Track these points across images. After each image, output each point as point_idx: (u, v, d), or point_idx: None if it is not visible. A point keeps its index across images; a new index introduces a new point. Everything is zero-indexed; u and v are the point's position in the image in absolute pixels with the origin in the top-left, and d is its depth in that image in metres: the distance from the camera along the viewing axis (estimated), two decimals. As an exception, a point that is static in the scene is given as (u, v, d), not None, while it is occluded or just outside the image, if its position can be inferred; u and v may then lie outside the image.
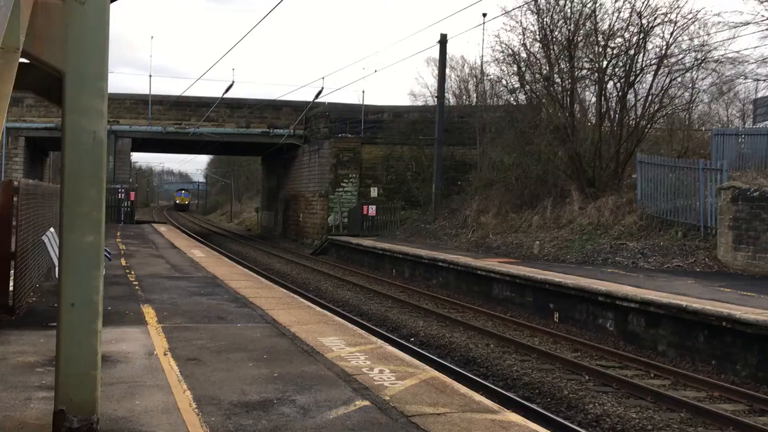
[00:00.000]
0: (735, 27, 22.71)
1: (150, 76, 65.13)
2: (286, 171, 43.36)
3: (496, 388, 9.50)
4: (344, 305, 17.13)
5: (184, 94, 37.17)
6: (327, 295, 18.80)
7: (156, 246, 23.61)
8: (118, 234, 28.11)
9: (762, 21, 22.56)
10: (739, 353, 10.64)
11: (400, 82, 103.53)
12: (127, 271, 15.53)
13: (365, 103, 37.22)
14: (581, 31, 24.01)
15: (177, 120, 38.67)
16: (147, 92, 38.45)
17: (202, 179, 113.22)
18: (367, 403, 5.95)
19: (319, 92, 32.89)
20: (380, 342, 8.93)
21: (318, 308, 11.80)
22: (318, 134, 36.97)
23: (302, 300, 12.85)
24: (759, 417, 8.65)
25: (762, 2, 22.51)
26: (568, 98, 24.31)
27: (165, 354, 7.58)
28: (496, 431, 5.38)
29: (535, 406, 8.73)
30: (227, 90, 33.85)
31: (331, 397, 6.11)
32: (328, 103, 37.50)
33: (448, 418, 5.62)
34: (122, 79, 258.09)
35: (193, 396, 6.02)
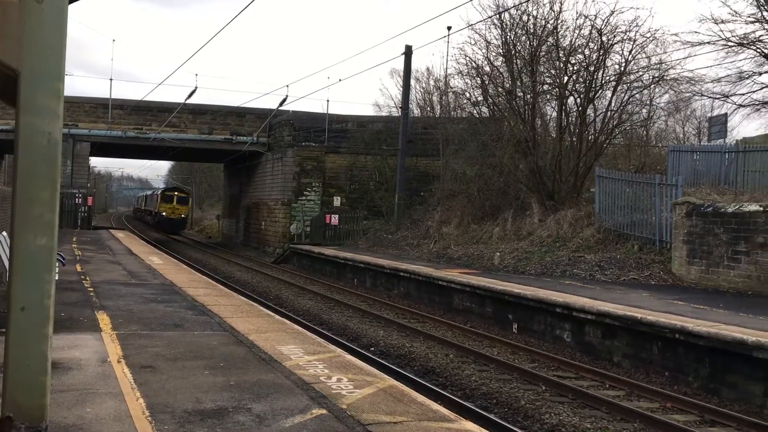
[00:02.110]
0: (692, 46, 23.37)
1: (110, 79, 63.64)
2: (249, 178, 43.04)
3: (453, 397, 9.54)
4: (304, 314, 17.03)
5: (145, 99, 36.61)
6: (287, 304, 18.67)
7: (113, 252, 23.19)
8: (74, 239, 27.54)
9: (717, 41, 23.26)
10: (691, 365, 10.88)
11: (364, 93, 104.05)
12: (83, 277, 15.21)
13: (330, 112, 37.22)
14: (543, 47, 24.44)
15: (137, 125, 38.09)
16: (107, 96, 37.83)
17: (162, 185, 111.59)
18: (324, 411, 5.93)
19: (284, 100, 32.71)
20: (339, 351, 8.91)
21: (277, 317, 11.72)
22: (281, 142, 36.81)
23: (262, 308, 12.75)
24: (710, 428, 8.85)
25: (717, 23, 23.21)
26: (529, 112, 24.67)
27: (119, 361, 7.45)
28: (452, 440, 5.40)
29: (492, 416, 8.79)
30: (190, 95, 33.48)
31: (288, 405, 6.07)
32: (293, 112, 37.38)
33: (404, 427, 5.63)
34: (82, 83, 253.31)
35: (147, 404, 5.92)
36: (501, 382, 10.80)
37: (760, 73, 23.89)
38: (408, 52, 30.83)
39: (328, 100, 57.42)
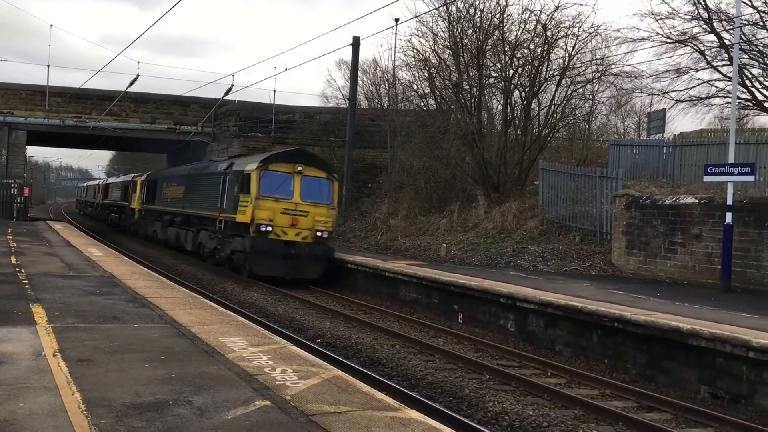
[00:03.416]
0: (633, 42, 23.93)
1: (48, 66, 61.39)
2: (194, 169, 41.91)
3: (399, 387, 9.57)
4: (250, 306, 16.83)
5: (84, 87, 35.50)
6: (232, 296, 18.41)
7: (50, 244, 22.45)
8: (10, 231, 26.57)
9: (656, 37, 23.89)
10: (629, 353, 11.18)
11: (312, 84, 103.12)
12: (18, 269, 14.68)
13: (277, 102, 36.80)
14: (489, 41, 24.67)
15: (77, 113, 36.90)
16: (45, 83, 36.50)
17: (103, 176, 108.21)
18: (267, 403, 5.85)
19: (229, 89, 32.20)
20: (284, 342, 8.82)
21: (221, 308, 11.55)
22: (227, 132, 36.28)
23: (205, 300, 12.53)
24: (646, 413, 9.11)
25: (657, 20, 23.83)
26: (476, 105, 24.90)
27: (54, 355, 7.20)
28: (395, 428, 5.40)
29: (437, 405, 8.85)
30: (131, 83, 32.52)
31: (231, 397, 5.97)
32: (239, 102, 36.84)
33: (348, 417, 5.61)
34: (19, 70, 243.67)
35: (83, 398, 5.74)
36: (446, 371, 10.89)
37: (697, 69, 24.67)
38: (356, 43, 30.69)
39: (274, 90, 56.71)
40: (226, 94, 32.46)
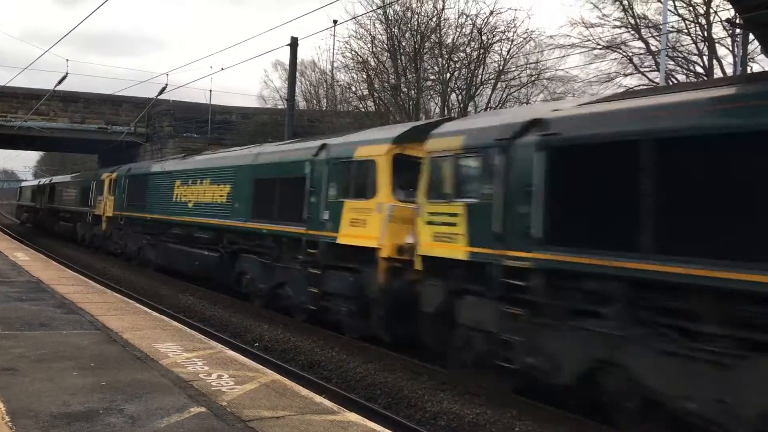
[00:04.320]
0: (565, 48, 24.59)
1: (-29, 62, 59.06)
2: (126, 170, 40.75)
3: (337, 389, 9.53)
4: (185, 311, 16.46)
5: (9, 85, 34.11)
6: (167, 301, 17.97)
7: (-28, 248, 21.48)
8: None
9: (587, 43, 24.60)
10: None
11: (249, 84, 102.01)
12: (-64, 275, 13.99)
13: (213, 103, 36.25)
14: (427, 44, 24.94)
15: (2, 112, 35.50)
16: (-34, 80, 34.95)
17: (30, 177, 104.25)
18: (202, 409, 5.73)
19: (163, 89, 31.50)
20: (220, 347, 8.68)
21: (155, 313, 11.28)
22: (161, 133, 35.52)
23: (138, 305, 12.22)
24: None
25: (588, 27, 24.55)
26: (414, 107, 25.11)
27: (-25, 365, 6.87)
28: (334, 431, 5.38)
29: (376, 406, 8.85)
30: (60, 81, 31.45)
31: (164, 404, 5.82)
32: (173, 101, 36.14)
33: (286, 421, 5.54)
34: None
35: (7, 408, 5.49)
36: (386, 372, 10.88)
37: (626, 75, 25.53)
38: (294, 43, 30.42)
39: (210, 90, 56.01)
40: (160, 93, 31.76)
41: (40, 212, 44.48)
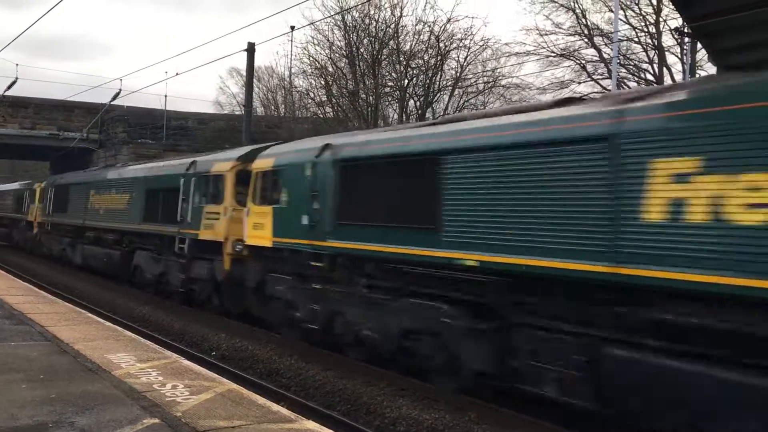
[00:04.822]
0: (520, 55, 24.95)
1: None
2: (79, 177, 39.91)
3: (296, 397, 9.45)
4: (140, 320, 16.14)
5: (-45, 89, 33.10)
6: (121, 311, 17.59)
7: None
8: None
9: (541, 51, 25.01)
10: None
11: (205, 90, 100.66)
12: None
13: (168, 108, 35.75)
14: (385, 50, 25.04)
15: (-53, 117, 34.39)
16: None
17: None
18: (156, 420, 5.61)
19: (117, 94, 30.88)
20: (176, 356, 8.53)
21: (108, 323, 11.04)
22: (115, 139, 34.86)
23: (90, 315, 11.94)
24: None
25: (542, 35, 24.96)
26: (372, 113, 25.16)
27: None
28: (291, 440, 5.32)
29: (335, 413, 8.80)
30: (9, 87, 30.67)
31: (117, 416, 5.69)
32: (127, 107, 35.48)
33: (242, 431, 5.47)
34: None
35: (-50, 425, 5.30)
36: (345, 379, 10.83)
37: (579, 82, 26.01)
38: (251, 48, 30.21)
39: (165, 96, 54.99)
40: (114, 99, 31.15)
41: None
